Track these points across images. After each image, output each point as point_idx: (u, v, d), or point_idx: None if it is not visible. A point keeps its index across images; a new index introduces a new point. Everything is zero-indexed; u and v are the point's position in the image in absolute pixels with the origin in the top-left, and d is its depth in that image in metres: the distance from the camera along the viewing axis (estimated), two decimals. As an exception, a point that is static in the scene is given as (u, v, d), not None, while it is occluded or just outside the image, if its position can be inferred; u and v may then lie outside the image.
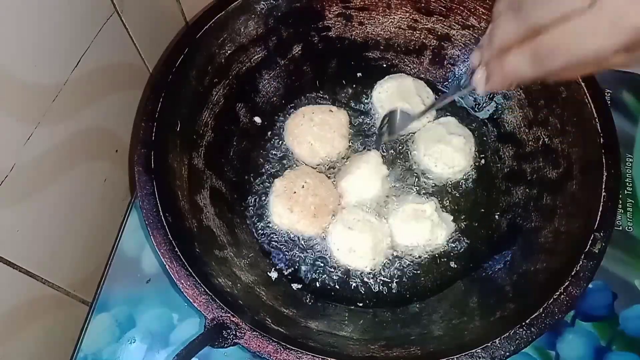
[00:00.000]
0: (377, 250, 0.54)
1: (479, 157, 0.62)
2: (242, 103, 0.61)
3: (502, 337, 0.41)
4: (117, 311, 0.57)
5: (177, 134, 0.52)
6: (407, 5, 0.62)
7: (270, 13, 0.60)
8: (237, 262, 0.52)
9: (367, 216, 0.55)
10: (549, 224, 0.51)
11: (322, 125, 0.60)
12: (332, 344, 0.45)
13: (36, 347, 0.54)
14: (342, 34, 0.64)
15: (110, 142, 0.62)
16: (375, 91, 0.64)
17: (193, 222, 0.50)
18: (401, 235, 0.56)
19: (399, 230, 0.56)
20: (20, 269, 0.49)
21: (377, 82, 0.64)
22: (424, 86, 0.64)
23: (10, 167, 0.45)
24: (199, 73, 0.55)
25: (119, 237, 0.61)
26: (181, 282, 0.43)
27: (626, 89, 0.68)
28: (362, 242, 0.54)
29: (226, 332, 0.41)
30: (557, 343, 0.54)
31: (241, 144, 0.61)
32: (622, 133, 0.58)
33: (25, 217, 0.48)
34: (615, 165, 0.47)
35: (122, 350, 0.55)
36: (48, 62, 0.48)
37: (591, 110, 0.50)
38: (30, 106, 0.46)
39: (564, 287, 0.43)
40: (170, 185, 0.49)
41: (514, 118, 0.60)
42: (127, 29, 0.60)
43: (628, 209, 0.61)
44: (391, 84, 0.63)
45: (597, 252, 0.44)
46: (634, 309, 0.56)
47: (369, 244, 0.54)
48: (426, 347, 0.44)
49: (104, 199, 0.62)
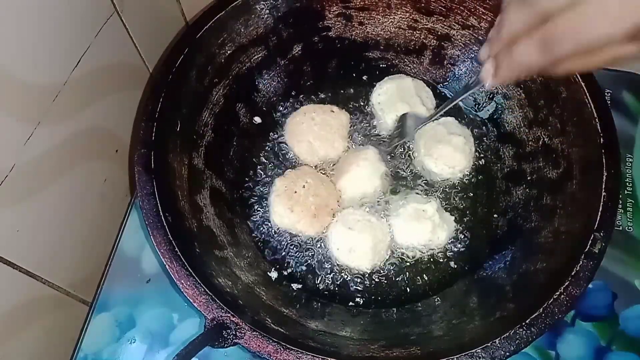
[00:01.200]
0: (376, 250, 0.54)
1: (479, 157, 0.62)
2: (242, 103, 0.61)
3: (502, 337, 0.41)
4: (117, 311, 0.57)
5: (177, 134, 0.52)
6: (407, 5, 0.62)
7: (271, 13, 0.60)
8: (237, 262, 0.52)
9: (367, 216, 0.55)
10: (549, 224, 0.51)
11: (323, 125, 0.60)
12: (332, 344, 0.45)
13: (36, 347, 0.54)
14: (342, 34, 0.64)
15: (110, 142, 0.62)
16: (374, 93, 0.64)
17: (193, 222, 0.50)
18: (402, 235, 0.56)
19: (399, 230, 0.56)
20: (20, 269, 0.49)
21: (377, 83, 0.64)
22: (423, 86, 0.64)
23: (10, 167, 0.45)
24: (199, 73, 0.56)
25: (119, 237, 0.61)
26: (181, 282, 0.43)
27: (626, 89, 0.68)
28: (362, 242, 0.54)
29: (226, 332, 0.41)
30: (557, 343, 0.54)
31: (241, 144, 0.61)
32: (622, 133, 0.58)
33: (25, 217, 0.48)
34: (615, 165, 0.47)
35: (122, 350, 0.55)
36: (48, 62, 0.48)
37: (591, 110, 0.50)
38: (30, 106, 0.46)
39: (564, 287, 0.43)
40: (170, 185, 0.49)
41: (514, 118, 0.60)
42: (127, 29, 0.60)
43: (628, 209, 0.61)
44: (390, 85, 0.63)
45: (597, 252, 0.44)
46: (634, 309, 0.56)
47: (369, 244, 0.54)
48: (426, 347, 0.44)
49: (104, 199, 0.62)
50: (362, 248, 0.54)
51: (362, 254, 0.54)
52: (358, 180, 0.58)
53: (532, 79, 0.56)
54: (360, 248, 0.54)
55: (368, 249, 0.54)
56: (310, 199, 0.56)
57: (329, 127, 0.60)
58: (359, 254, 0.54)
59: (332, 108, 0.62)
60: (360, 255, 0.54)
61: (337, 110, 0.62)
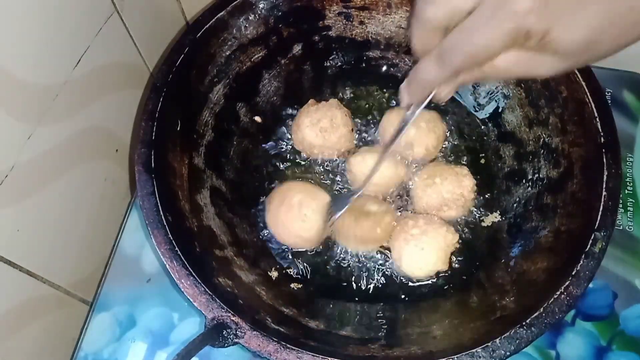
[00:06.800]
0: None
1: (479, 157, 0.62)
2: (243, 102, 0.61)
3: (502, 336, 0.41)
4: (117, 310, 0.57)
5: (177, 133, 0.52)
6: (408, 5, 0.62)
7: (271, 12, 0.60)
8: (237, 261, 0.52)
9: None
10: (549, 223, 0.51)
11: (327, 121, 0.59)
12: (332, 344, 0.45)
13: (36, 347, 0.54)
14: (343, 33, 0.64)
15: (110, 142, 0.62)
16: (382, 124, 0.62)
17: (193, 222, 0.50)
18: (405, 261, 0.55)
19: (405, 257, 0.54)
20: (21, 268, 0.49)
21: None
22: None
23: (10, 167, 0.45)
24: (199, 73, 0.56)
25: (119, 236, 0.61)
26: (181, 281, 0.43)
27: (627, 89, 0.68)
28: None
29: (226, 332, 0.41)
30: (557, 343, 0.54)
31: (241, 143, 0.61)
32: (622, 132, 0.58)
33: (25, 217, 0.48)
34: (615, 165, 0.47)
35: (123, 349, 0.55)
36: (48, 62, 0.48)
37: (591, 110, 0.50)
38: (30, 106, 0.46)
39: (564, 287, 0.43)
40: (171, 185, 0.49)
41: (515, 117, 0.60)
42: (127, 29, 0.60)
43: (628, 208, 0.61)
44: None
45: (597, 251, 0.44)
46: (634, 309, 0.56)
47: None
48: (426, 347, 0.44)
49: (104, 198, 0.62)
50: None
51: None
52: (372, 163, 0.55)
53: (533, 79, 0.56)
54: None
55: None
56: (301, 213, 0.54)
57: (335, 125, 0.59)
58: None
59: (337, 105, 0.61)
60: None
61: (341, 107, 0.61)
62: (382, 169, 0.52)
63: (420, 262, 0.53)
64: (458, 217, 0.57)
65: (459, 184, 0.56)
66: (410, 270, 0.54)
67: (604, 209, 0.45)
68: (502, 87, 0.60)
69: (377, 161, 0.51)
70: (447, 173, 0.56)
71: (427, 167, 0.59)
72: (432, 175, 0.57)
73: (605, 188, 0.46)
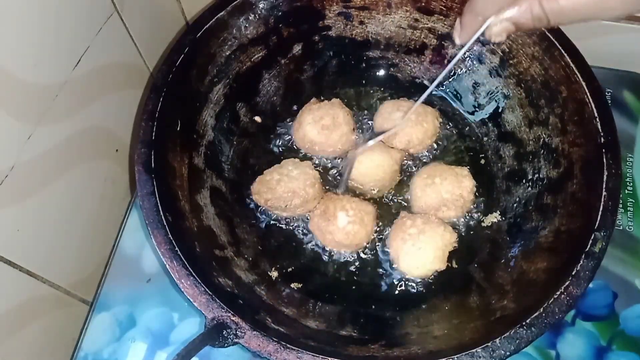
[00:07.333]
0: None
1: (479, 157, 0.62)
2: (243, 102, 0.61)
3: (502, 336, 0.41)
4: (117, 310, 0.57)
5: (177, 133, 0.52)
6: (408, 5, 0.62)
7: (271, 12, 0.60)
8: (237, 261, 0.52)
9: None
10: (549, 223, 0.51)
11: (328, 119, 0.59)
12: (332, 344, 0.45)
13: (36, 347, 0.54)
14: (343, 33, 0.64)
15: (110, 142, 0.62)
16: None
17: (193, 222, 0.50)
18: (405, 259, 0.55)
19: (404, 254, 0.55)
20: (21, 268, 0.49)
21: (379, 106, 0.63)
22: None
23: (10, 167, 0.45)
24: (199, 73, 0.55)
25: (119, 236, 0.61)
26: (181, 281, 0.43)
27: (627, 89, 0.68)
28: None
29: (226, 332, 0.41)
30: (557, 343, 0.54)
31: (241, 143, 0.61)
32: (622, 132, 0.58)
33: (25, 217, 0.48)
34: (615, 165, 0.47)
35: (123, 349, 0.55)
36: (48, 62, 0.48)
37: (592, 110, 0.50)
38: (30, 106, 0.46)
39: (564, 287, 0.43)
40: (171, 185, 0.49)
41: (515, 117, 0.60)
42: (127, 29, 0.60)
43: (629, 208, 0.61)
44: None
45: (597, 251, 0.44)
46: (634, 309, 0.56)
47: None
48: (426, 347, 0.44)
49: (104, 198, 0.62)
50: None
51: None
52: (368, 161, 0.57)
53: (533, 79, 0.56)
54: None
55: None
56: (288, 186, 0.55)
57: (335, 122, 0.59)
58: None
59: (339, 104, 0.61)
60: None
61: (343, 107, 0.61)
62: (377, 164, 0.55)
63: (418, 262, 0.53)
64: (456, 218, 0.57)
65: (458, 184, 0.56)
66: (409, 270, 0.54)
67: (604, 209, 0.45)
68: (502, 87, 0.60)
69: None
70: (447, 173, 0.56)
71: (427, 167, 0.59)
72: (432, 175, 0.57)
73: (605, 188, 0.46)
